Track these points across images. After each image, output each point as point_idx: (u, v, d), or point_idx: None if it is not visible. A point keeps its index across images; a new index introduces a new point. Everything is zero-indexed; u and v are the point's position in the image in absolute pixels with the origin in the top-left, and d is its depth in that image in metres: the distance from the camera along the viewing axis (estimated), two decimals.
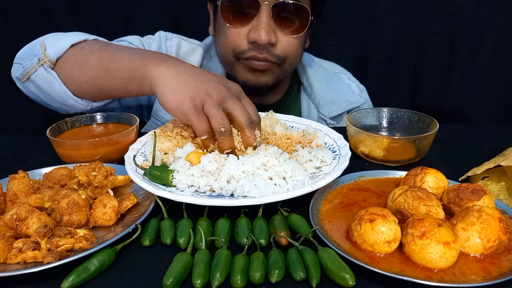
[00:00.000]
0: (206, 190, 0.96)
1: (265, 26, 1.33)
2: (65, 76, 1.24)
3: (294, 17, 1.41)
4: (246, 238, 0.85)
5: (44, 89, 1.26)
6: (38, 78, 1.24)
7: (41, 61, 1.22)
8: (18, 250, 0.79)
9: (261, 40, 1.33)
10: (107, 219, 0.90)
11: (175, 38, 1.61)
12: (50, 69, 1.23)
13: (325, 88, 1.65)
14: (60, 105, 1.31)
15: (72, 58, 1.23)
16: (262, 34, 1.33)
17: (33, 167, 1.11)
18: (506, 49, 1.97)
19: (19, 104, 2.07)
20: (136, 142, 1.17)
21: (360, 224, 0.80)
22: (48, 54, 1.22)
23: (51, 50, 1.23)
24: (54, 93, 1.26)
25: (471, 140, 1.37)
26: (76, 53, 1.24)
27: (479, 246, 0.78)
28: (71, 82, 1.24)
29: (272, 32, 1.36)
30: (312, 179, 1.00)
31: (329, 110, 1.62)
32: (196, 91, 1.02)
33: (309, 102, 1.67)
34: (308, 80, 1.67)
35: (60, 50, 1.23)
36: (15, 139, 1.46)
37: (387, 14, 1.99)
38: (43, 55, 1.22)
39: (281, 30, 1.39)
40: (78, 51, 1.24)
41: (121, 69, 1.15)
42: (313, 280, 0.73)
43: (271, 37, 1.35)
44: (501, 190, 1.00)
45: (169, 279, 0.73)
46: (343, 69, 1.82)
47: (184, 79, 1.05)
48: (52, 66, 1.23)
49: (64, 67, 1.23)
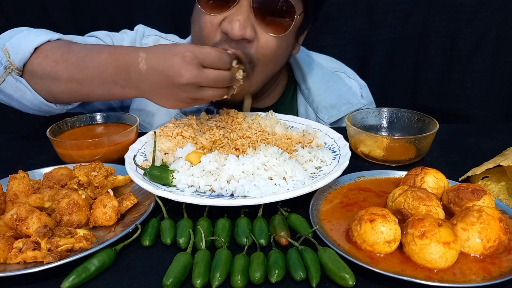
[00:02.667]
0: (206, 190, 0.96)
1: (241, 18, 1.13)
2: (37, 86, 1.19)
3: (280, 14, 1.20)
4: (246, 238, 0.85)
5: (15, 97, 1.20)
6: (7, 87, 1.18)
7: (8, 69, 1.16)
8: (18, 250, 0.79)
9: (233, 34, 1.13)
10: (107, 219, 0.90)
11: (152, 36, 1.51)
12: (18, 76, 1.17)
13: (323, 90, 1.53)
14: (33, 111, 1.27)
15: (40, 68, 1.16)
16: (235, 27, 1.12)
17: (33, 167, 1.11)
18: (506, 49, 1.97)
19: None
20: (136, 142, 1.17)
21: (360, 224, 0.80)
22: (13, 62, 1.15)
23: (16, 56, 1.16)
24: (27, 101, 1.21)
25: (471, 140, 1.37)
26: (42, 63, 1.17)
27: (479, 246, 0.78)
28: (45, 92, 1.19)
29: (249, 27, 1.15)
30: (312, 179, 1.00)
31: (329, 115, 1.51)
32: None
33: (306, 106, 1.54)
34: (305, 81, 1.54)
35: (24, 56, 1.16)
36: (15, 139, 1.46)
37: (387, 14, 1.99)
38: (8, 62, 1.16)
39: (262, 27, 1.18)
40: (43, 60, 1.17)
41: (96, 86, 1.13)
42: (313, 280, 0.73)
43: (245, 32, 1.14)
44: (501, 190, 1.00)
45: (169, 279, 0.73)
46: (342, 65, 1.70)
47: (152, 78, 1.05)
48: (20, 73, 1.17)
49: (35, 78, 1.18)
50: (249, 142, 1.13)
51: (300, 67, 1.55)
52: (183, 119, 1.25)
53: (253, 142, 1.14)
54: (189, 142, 1.10)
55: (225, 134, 1.16)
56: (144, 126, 1.49)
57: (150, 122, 1.48)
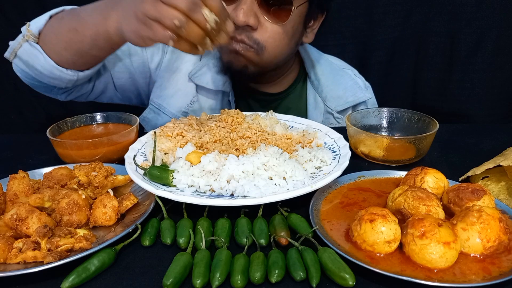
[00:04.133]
0: (206, 190, 0.96)
1: (245, 7, 1.28)
2: (47, 48, 1.25)
3: (281, 3, 1.34)
4: (246, 238, 0.85)
5: (30, 63, 1.27)
6: (23, 53, 1.26)
7: (25, 36, 1.25)
8: (18, 250, 0.79)
9: (238, 21, 1.27)
10: (107, 219, 0.90)
11: None
12: (34, 43, 1.25)
13: (331, 82, 1.64)
14: (48, 79, 1.31)
15: (50, 29, 1.25)
16: (240, 15, 1.27)
17: (33, 167, 1.11)
18: (506, 49, 1.97)
19: (19, 104, 2.07)
20: (136, 142, 1.17)
21: (360, 224, 0.80)
22: (31, 29, 1.24)
23: (34, 25, 1.25)
24: (40, 66, 1.27)
25: (471, 140, 1.37)
26: (52, 23, 1.26)
27: (479, 246, 0.78)
28: (53, 52, 1.25)
29: (252, 15, 1.30)
30: (312, 179, 1.00)
31: (336, 104, 1.61)
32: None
33: (315, 95, 1.64)
34: (315, 73, 1.65)
35: (40, 23, 1.25)
36: (15, 139, 1.46)
37: (387, 14, 1.99)
38: (26, 31, 1.25)
39: (266, 16, 1.33)
40: (54, 21, 1.26)
41: (87, 28, 1.16)
42: (313, 280, 0.73)
43: (249, 19, 1.29)
44: (501, 190, 1.00)
45: (169, 279, 0.73)
46: (349, 65, 1.80)
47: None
48: (36, 40, 1.25)
49: (45, 39, 1.25)
50: (249, 142, 1.13)
51: (311, 60, 1.66)
52: (183, 119, 1.25)
53: (253, 142, 1.14)
54: (189, 142, 1.10)
55: (225, 134, 1.17)
56: (164, 107, 1.56)
57: (168, 103, 1.56)
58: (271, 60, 1.43)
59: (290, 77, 1.66)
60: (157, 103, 1.57)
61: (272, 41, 1.36)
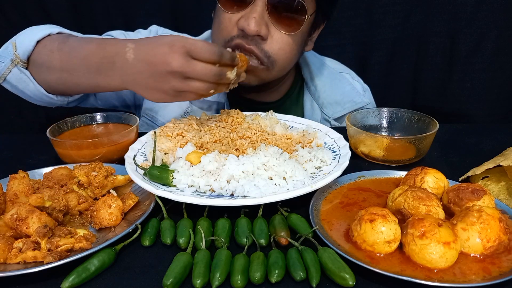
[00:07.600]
0: (206, 190, 0.96)
1: (257, 15, 1.23)
2: (37, 76, 1.24)
3: (292, 14, 1.29)
4: (246, 238, 0.85)
5: (20, 88, 1.26)
6: (12, 78, 1.24)
7: (14, 61, 1.22)
8: (18, 250, 0.79)
9: (249, 30, 1.22)
10: (114, 219, 0.90)
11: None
12: (23, 68, 1.23)
13: (329, 87, 1.60)
14: (37, 102, 1.32)
15: (38, 58, 1.23)
16: (252, 24, 1.22)
17: (33, 167, 1.11)
18: (506, 49, 1.97)
19: (19, 104, 2.07)
20: (136, 142, 1.17)
21: (360, 224, 0.80)
22: (18, 54, 1.22)
23: (20, 49, 1.22)
24: (30, 91, 1.26)
25: (471, 140, 1.37)
26: (41, 52, 1.23)
27: (479, 246, 0.78)
28: (43, 81, 1.25)
29: (263, 24, 1.25)
30: (312, 179, 1.00)
31: (333, 111, 1.58)
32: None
33: (312, 101, 1.61)
34: (312, 78, 1.61)
35: (27, 49, 1.22)
36: (15, 139, 1.46)
37: (387, 14, 1.99)
38: (14, 55, 1.22)
39: (276, 25, 1.28)
40: (42, 49, 1.23)
41: (83, 77, 1.15)
42: (313, 280, 0.73)
43: (260, 29, 1.23)
44: (501, 190, 1.00)
45: (169, 279, 0.73)
46: (346, 68, 1.77)
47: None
48: (25, 65, 1.23)
49: (35, 67, 1.24)
50: (249, 142, 1.13)
51: (308, 66, 1.63)
52: (183, 119, 1.25)
53: (253, 142, 1.14)
54: (189, 142, 1.10)
55: (225, 134, 1.16)
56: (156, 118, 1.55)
57: (162, 115, 1.54)
58: (279, 74, 1.40)
59: (287, 83, 1.61)
60: (150, 115, 1.54)
61: (283, 53, 1.32)
